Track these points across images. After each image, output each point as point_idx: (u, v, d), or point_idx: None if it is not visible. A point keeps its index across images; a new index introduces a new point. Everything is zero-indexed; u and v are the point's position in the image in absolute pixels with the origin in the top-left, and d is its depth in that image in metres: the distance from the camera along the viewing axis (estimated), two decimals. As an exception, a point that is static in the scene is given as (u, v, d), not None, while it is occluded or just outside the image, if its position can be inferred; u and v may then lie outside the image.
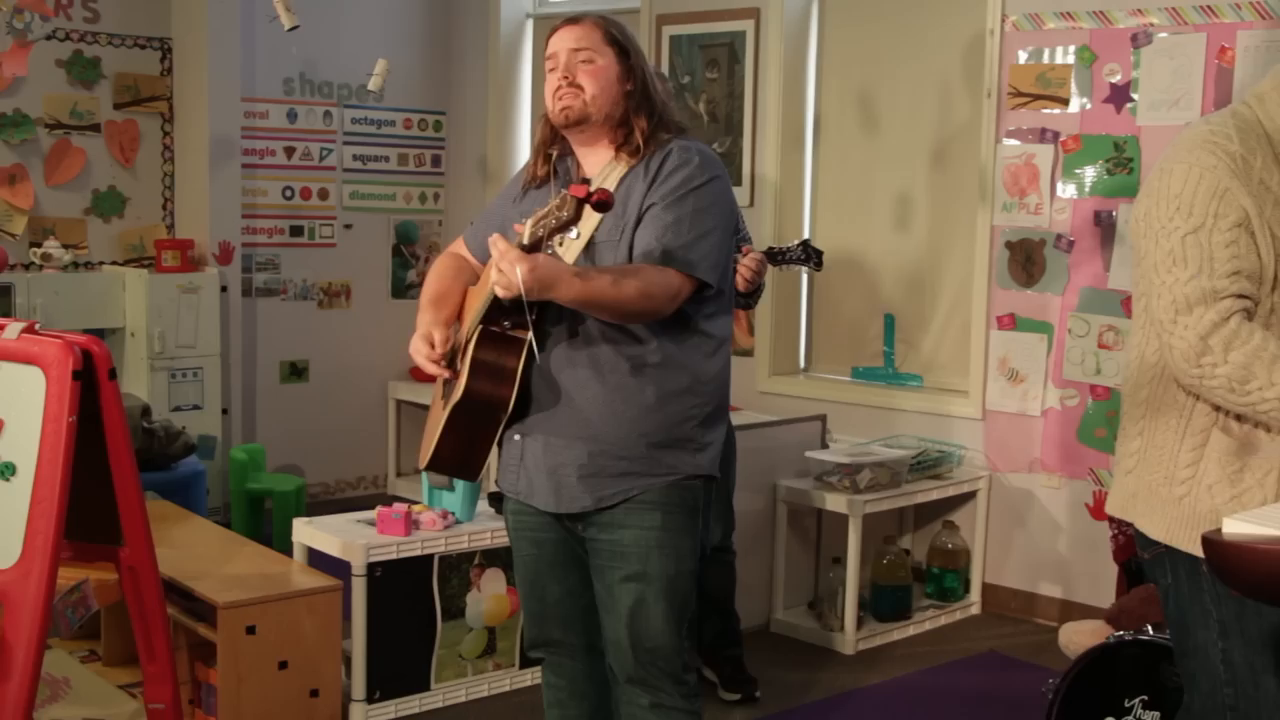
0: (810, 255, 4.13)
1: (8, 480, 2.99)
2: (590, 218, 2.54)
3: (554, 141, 2.78)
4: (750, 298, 4.04)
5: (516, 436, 2.72)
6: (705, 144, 2.81)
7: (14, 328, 3.04)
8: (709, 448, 2.72)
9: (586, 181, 2.33)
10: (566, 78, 2.67)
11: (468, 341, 2.65)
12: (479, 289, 2.72)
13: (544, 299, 2.45)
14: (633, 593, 2.67)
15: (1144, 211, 2.29)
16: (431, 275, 2.91)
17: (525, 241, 2.37)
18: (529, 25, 6.82)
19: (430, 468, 2.76)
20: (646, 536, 2.66)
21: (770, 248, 4.15)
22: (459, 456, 2.73)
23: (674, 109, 2.79)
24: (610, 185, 2.64)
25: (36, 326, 3.07)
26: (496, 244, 2.40)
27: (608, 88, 2.67)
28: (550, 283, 2.41)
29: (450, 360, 2.71)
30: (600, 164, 2.71)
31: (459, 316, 2.82)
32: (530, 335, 2.54)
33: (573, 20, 2.77)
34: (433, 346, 2.69)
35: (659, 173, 2.64)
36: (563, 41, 2.72)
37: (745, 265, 3.90)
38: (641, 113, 2.69)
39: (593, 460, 2.64)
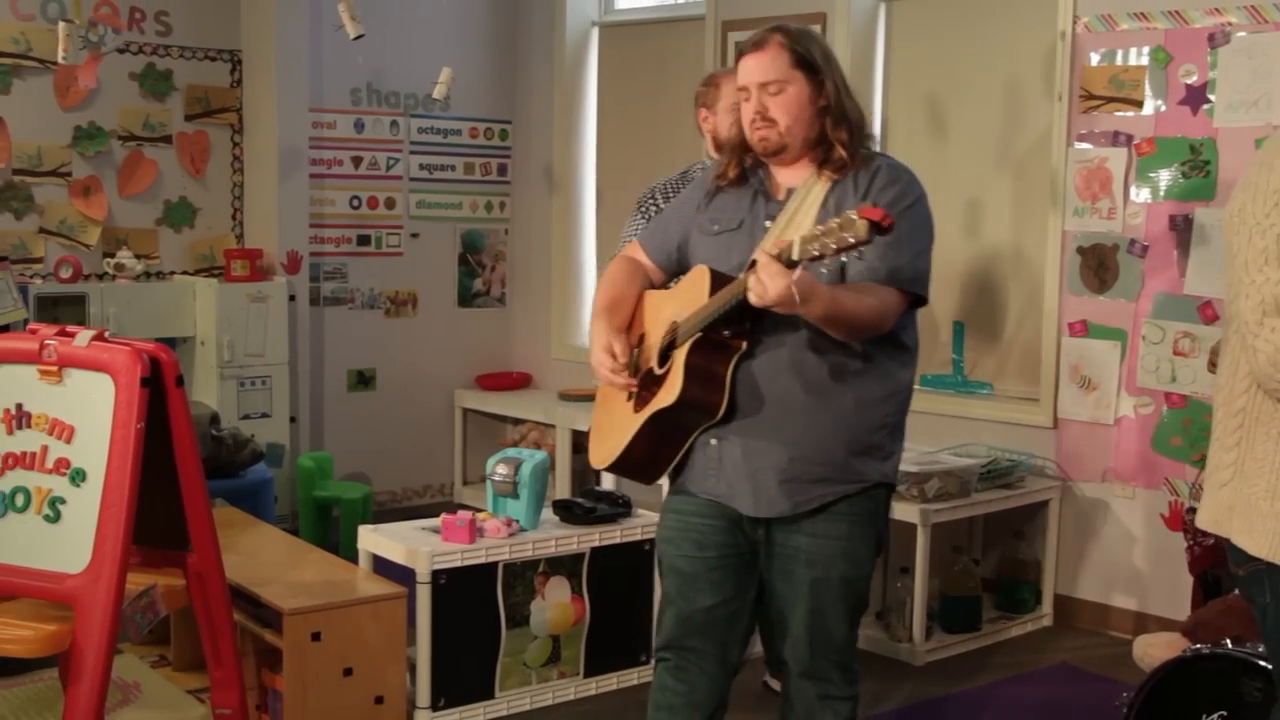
0: None
1: (78, 486, 3.02)
2: (803, 229, 2.58)
3: (748, 148, 2.81)
4: None
5: (713, 441, 2.76)
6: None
7: (84, 335, 3.07)
8: (894, 456, 2.82)
9: (872, 208, 2.30)
10: (759, 113, 2.71)
11: (671, 346, 2.72)
12: (681, 293, 2.77)
13: (791, 313, 2.48)
14: (815, 596, 2.77)
15: (1239, 207, 2.18)
16: (605, 280, 2.99)
17: (794, 257, 2.38)
18: (594, 33, 6.82)
19: (613, 469, 2.85)
20: (833, 545, 2.75)
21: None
22: (647, 459, 2.83)
23: (863, 114, 2.80)
24: (815, 199, 2.70)
25: (106, 334, 3.11)
26: (759, 257, 2.43)
27: (800, 114, 2.71)
28: (806, 299, 2.43)
29: (634, 370, 2.80)
30: (799, 178, 2.75)
31: (632, 321, 2.90)
32: (744, 345, 2.64)
33: (757, 45, 2.75)
34: (614, 358, 2.78)
35: (870, 188, 2.69)
36: (750, 74, 2.73)
37: None
38: (841, 127, 2.72)
39: (792, 465, 2.71)
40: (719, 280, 2.66)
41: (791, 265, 2.40)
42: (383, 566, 4.10)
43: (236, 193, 6.26)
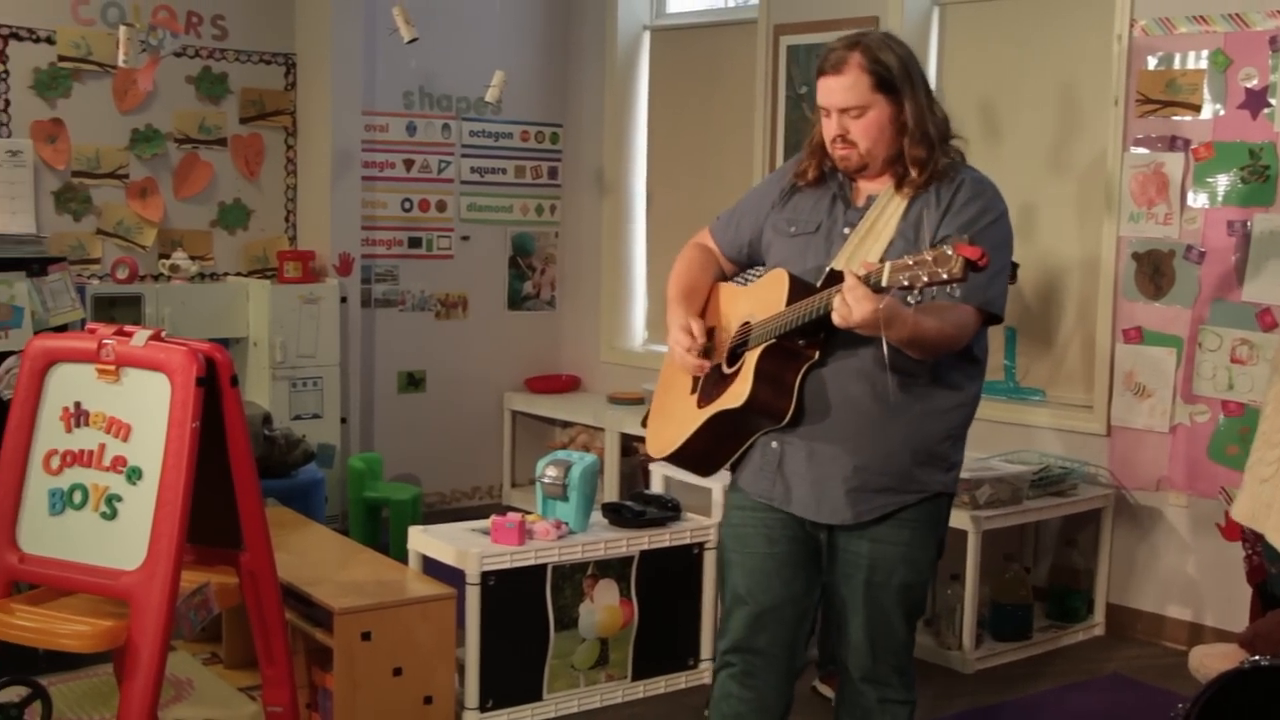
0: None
1: (134, 484, 3.06)
2: (883, 239, 2.64)
3: (827, 153, 2.80)
4: None
5: (774, 444, 2.77)
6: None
7: (141, 335, 3.11)
8: (956, 467, 2.82)
9: (972, 243, 2.30)
10: (840, 135, 2.71)
11: (742, 346, 2.73)
12: (756, 293, 2.78)
13: (874, 335, 2.48)
14: (875, 601, 2.78)
15: None
16: (680, 267, 2.99)
17: (884, 283, 2.39)
18: (646, 37, 6.82)
19: (671, 459, 2.88)
20: (895, 552, 2.76)
21: None
22: (706, 454, 2.86)
23: (947, 123, 2.79)
24: (896, 209, 2.70)
25: (163, 334, 3.14)
26: (847, 279, 2.44)
27: (881, 136, 2.69)
28: (890, 323, 2.44)
29: (705, 354, 2.81)
30: (880, 186, 2.75)
31: (704, 310, 2.91)
32: (817, 355, 2.66)
33: (837, 68, 2.71)
34: (693, 338, 2.79)
35: (952, 203, 2.69)
36: (831, 97, 2.71)
37: None
38: (920, 145, 2.70)
39: (857, 474, 2.71)
40: (798, 287, 2.66)
41: (879, 291, 2.40)
42: (432, 567, 4.12)
43: (290, 195, 6.31)
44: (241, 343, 5.97)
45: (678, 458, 2.88)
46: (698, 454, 2.86)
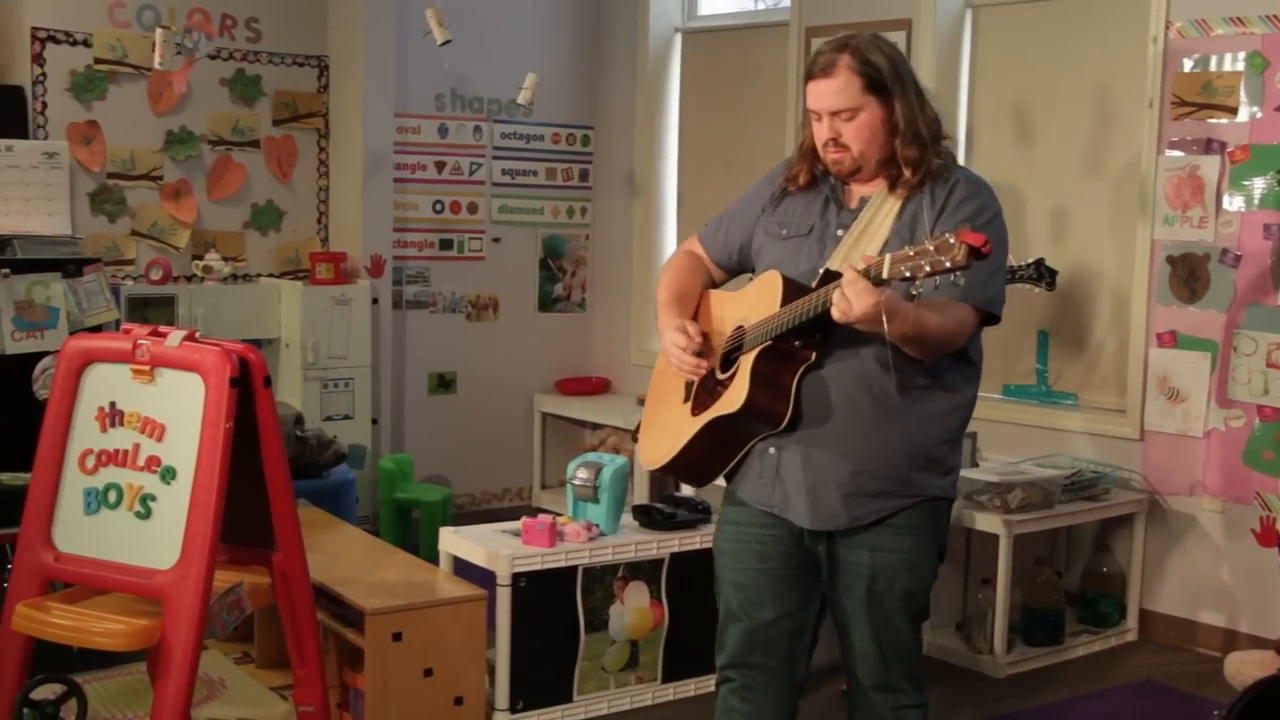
0: (1043, 274, 3.93)
1: (168, 484, 3.08)
2: (878, 240, 2.60)
3: (818, 157, 2.76)
4: None
5: (772, 450, 2.72)
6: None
7: (176, 335, 3.13)
8: (954, 471, 2.78)
9: (972, 232, 2.26)
10: (832, 139, 2.67)
11: (736, 351, 2.69)
12: (749, 297, 2.73)
13: (874, 330, 2.43)
14: (880, 610, 2.73)
15: None
16: (669, 273, 2.96)
17: (884, 275, 2.36)
18: (678, 39, 6.82)
19: (665, 470, 2.82)
20: (896, 559, 2.71)
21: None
22: (702, 463, 2.80)
23: (939, 121, 2.74)
24: (890, 210, 2.66)
25: (197, 335, 3.16)
26: (846, 274, 2.40)
27: (873, 138, 2.66)
28: (891, 317, 2.40)
29: (700, 357, 2.76)
30: (873, 188, 2.71)
31: (694, 317, 2.86)
32: (813, 356, 2.60)
33: (826, 71, 2.67)
34: (690, 338, 2.74)
35: (948, 202, 2.64)
36: (821, 100, 2.68)
37: None
38: (912, 145, 2.66)
39: (854, 479, 2.66)
40: (792, 288, 2.62)
41: (880, 283, 2.37)
42: (462, 568, 4.13)
43: (322, 197, 6.34)
44: (273, 344, 6.00)
45: (673, 468, 2.81)
46: (693, 463, 2.80)
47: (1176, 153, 4.88)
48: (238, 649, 4.47)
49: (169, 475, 3.08)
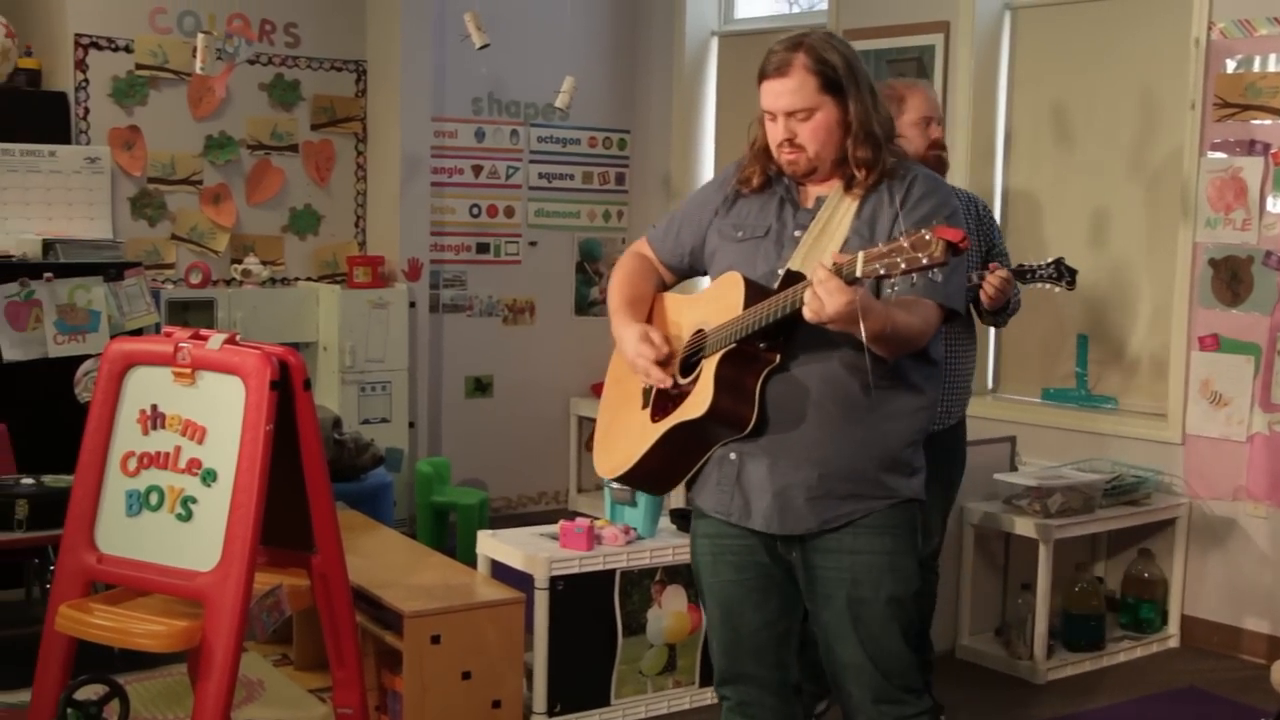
0: (1063, 274, 3.90)
1: (209, 486, 3.09)
2: (836, 239, 2.54)
3: (770, 158, 2.71)
4: (999, 315, 3.90)
5: (733, 455, 2.64)
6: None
7: (217, 339, 3.14)
8: (919, 472, 2.69)
9: (949, 228, 2.20)
10: (788, 139, 2.62)
11: (697, 354, 2.62)
12: (708, 300, 2.67)
13: (846, 330, 2.39)
14: (870, 617, 2.62)
15: None
16: (620, 277, 2.88)
17: (857, 273, 2.30)
18: (714, 43, 6.82)
19: (624, 479, 2.73)
20: (878, 560, 2.62)
21: (1020, 265, 3.89)
22: (662, 471, 2.72)
23: (892, 122, 2.70)
24: (848, 209, 2.61)
25: (237, 338, 3.17)
26: (818, 272, 2.34)
27: (829, 138, 2.61)
28: (865, 315, 2.35)
29: (664, 364, 2.68)
30: (827, 190, 2.66)
31: (650, 321, 2.79)
32: (778, 359, 2.54)
33: (780, 70, 2.62)
34: (655, 347, 2.67)
35: (907, 198, 2.59)
36: (776, 100, 2.63)
37: (990, 284, 3.72)
38: (863, 145, 2.60)
39: (822, 482, 2.59)
40: (754, 291, 2.55)
41: (853, 282, 2.31)
42: (500, 571, 4.13)
43: (359, 201, 6.37)
44: (311, 347, 6.03)
45: (631, 477, 2.73)
46: (653, 471, 2.72)
47: (1219, 154, 4.84)
48: (276, 651, 4.49)
49: (210, 478, 3.09)
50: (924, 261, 2.21)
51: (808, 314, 2.36)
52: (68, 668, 3.22)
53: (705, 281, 2.84)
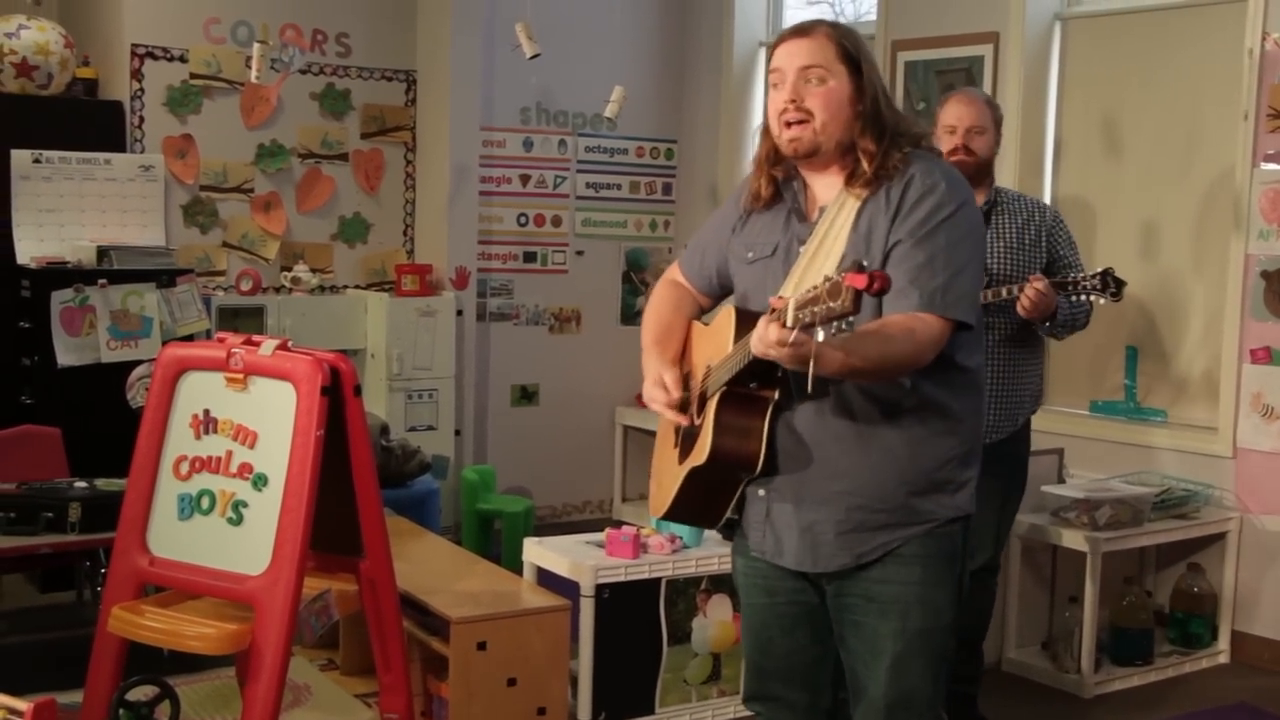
0: (1108, 284, 3.83)
1: (260, 490, 3.13)
2: (834, 255, 2.38)
3: (778, 160, 2.57)
4: (1055, 327, 3.84)
5: (761, 493, 2.56)
6: (944, 159, 2.61)
7: (268, 345, 3.18)
8: (967, 485, 2.55)
9: (862, 269, 2.01)
10: (794, 101, 2.45)
11: (705, 395, 2.53)
12: (713, 334, 2.58)
13: (804, 371, 2.21)
14: (892, 649, 2.52)
15: None
16: (651, 310, 2.79)
17: (788, 323, 2.12)
18: (762, 54, 6.82)
19: (668, 518, 2.67)
20: (907, 591, 2.51)
21: (1063, 276, 3.86)
22: (699, 509, 2.65)
23: (907, 120, 2.56)
24: (846, 219, 2.47)
25: (289, 344, 3.21)
26: (760, 325, 2.20)
27: (839, 112, 2.45)
28: (817, 359, 2.17)
29: (684, 405, 2.59)
30: (831, 191, 2.52)
31: (684, 353, 2.70)
32: (776, 395, 2.43)
33: (802, 31, 2.49)
34: (667, 392, 2.58)
35: (902, 203, 2.43)
36: (791, 58, 2.47)
37: (1026, 295, 3.67)
38: (868, 135, 2.45)
39: (850, 516, 2.49)
40: (744, 324, 2.41)
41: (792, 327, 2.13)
42: (546, 579, 4.14)
43: (408, 209, 6.42)
44: (359, 354, 6.07)
45: (673, 516, 2.65)
46: (693, 510, 2.65)
47: (1272, 166, 4.79)
48: (323, 656, 4.52)
49: (260, 482, 3.13)
50: (836, 311, 2.03)
51: (755, 353, 2.22)
52: (119, 669, 3.26)
53: None
